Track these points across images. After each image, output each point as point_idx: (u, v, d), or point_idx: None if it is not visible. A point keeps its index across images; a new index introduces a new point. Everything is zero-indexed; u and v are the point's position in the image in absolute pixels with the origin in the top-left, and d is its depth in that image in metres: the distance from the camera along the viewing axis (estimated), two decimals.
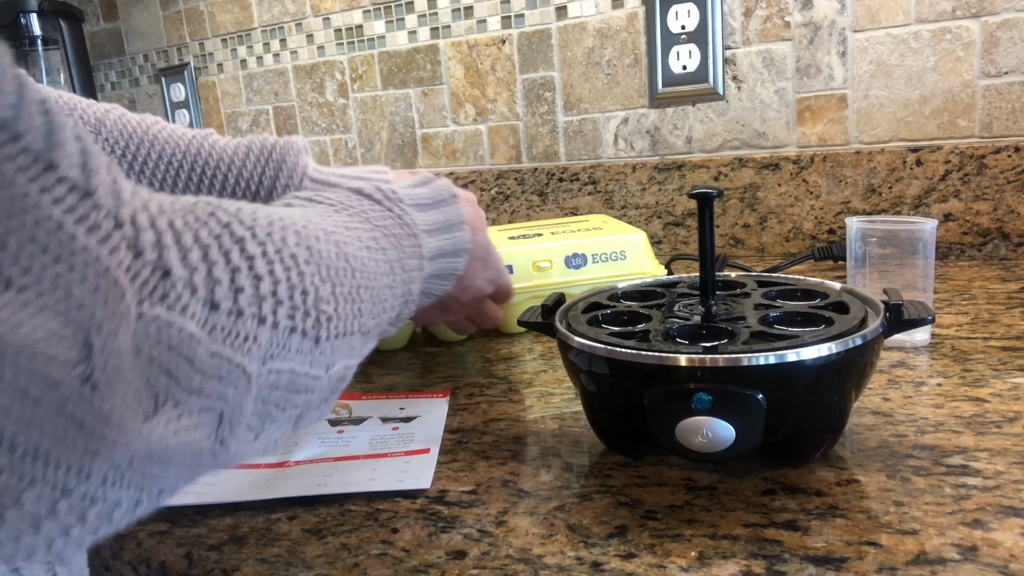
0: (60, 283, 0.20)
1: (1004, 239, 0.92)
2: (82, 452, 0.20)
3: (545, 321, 0.49)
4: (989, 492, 0.39)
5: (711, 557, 0.36)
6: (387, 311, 0.38)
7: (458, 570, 0.37)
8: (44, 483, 0.20)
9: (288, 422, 0.30)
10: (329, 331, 0.30)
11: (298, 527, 0.43)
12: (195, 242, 0.24)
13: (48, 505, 0.20)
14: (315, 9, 1.42)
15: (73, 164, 0.21)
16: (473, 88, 1.29)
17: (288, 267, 0.28)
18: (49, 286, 0.19)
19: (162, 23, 1.65)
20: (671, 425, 0.40)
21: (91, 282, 0.20)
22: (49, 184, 0.20)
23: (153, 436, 0.22)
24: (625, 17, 1.12)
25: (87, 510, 0.22)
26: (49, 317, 0.19)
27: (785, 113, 1.04)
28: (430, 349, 0.75)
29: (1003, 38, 0.89)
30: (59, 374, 0.19)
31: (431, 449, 0.50)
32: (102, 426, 0.21)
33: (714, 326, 0.45)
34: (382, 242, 0.39)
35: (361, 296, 0.34)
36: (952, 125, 0.94)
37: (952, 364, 0.58)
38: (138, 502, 0.24)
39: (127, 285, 0.21)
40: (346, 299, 0.32)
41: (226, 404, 0.25)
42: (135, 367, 0.21)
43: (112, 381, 0.21)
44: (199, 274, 0.24)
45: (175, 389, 0.23)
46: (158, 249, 0.23)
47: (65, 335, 0.20)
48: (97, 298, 0.20)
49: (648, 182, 1.15)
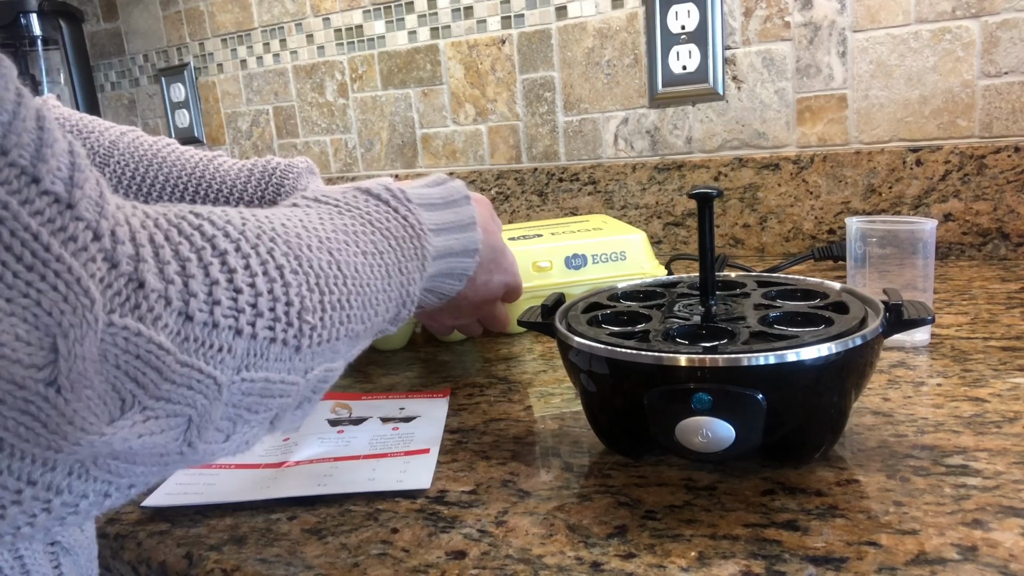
0: (31, 290, 0.21)
1: (1004, 239, 0.92)
2: (45, 447, 0.22)
3: (545, 321, 0.49)
4: (989, 492, 0.39)
5: (711, 557, 0.36)
6: (380, 314, 0.39)
7: (458, 570, 0.37)
8: (9, 473, 0.22)
9: (262, 424, 0.30)
10: (312, 340, 0.31)
11: (298, 527, 0.43)
12: (174, 256, 0.25)
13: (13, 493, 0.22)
14: (315, 9, 1.42)
15: (58, 178, 0.22)
16: (473, 88, 1.29)
17: (272, 279, 0.29)
18: (20, 292, 0.21)
19: (162, 23, 1.65)
20: (671, 425, 0.40)
21: (61, 291, 0.21)
22: (30, 197, 0.21)
23: (117, 438, 0.23)
24: (625, 17, 1.12)
25: (52, 499, 0.23)
26: (17, 322, 0.21)
27: (785, 113, 1.04)
28: (430, 349, 0.75)
29: (1003, 38, 0.89)
30: (23, 376, 0.21)
31: (431, 449, 0.50)
32: (65, 426, 0.22)
33: (714, 326, 0.45)
34: (380, 245, 0.39)
35: (351, 303, 0.34)
36: (952, 125, 0.94)
37: (952, 364, 0.58)
38: (106, 494, 0.25)
39: (98, 295, 0.22)
40: (333, 307, 0.33)
41: (195, 410, 0.26)
42: (101, 373, 0.23)
43: (76, 385, 0.22)
44: (175, 287, 0.25)
45: (142, 395, 0.24)
46: (134, 262, 0.24)
47: (31, 340, 0.21)
48: (66, 306, 0.21)
49: (648, 182, 1.15)
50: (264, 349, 0.28)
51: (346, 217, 0.39)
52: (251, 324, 0.27)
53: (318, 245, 0.33)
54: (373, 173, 1.44)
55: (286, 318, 0.29)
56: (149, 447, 0.25)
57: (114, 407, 0.23)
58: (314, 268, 0.32)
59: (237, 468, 0.49)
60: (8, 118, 0.21)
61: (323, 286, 0.32)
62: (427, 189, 0.48)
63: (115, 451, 0.24)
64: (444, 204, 0.49)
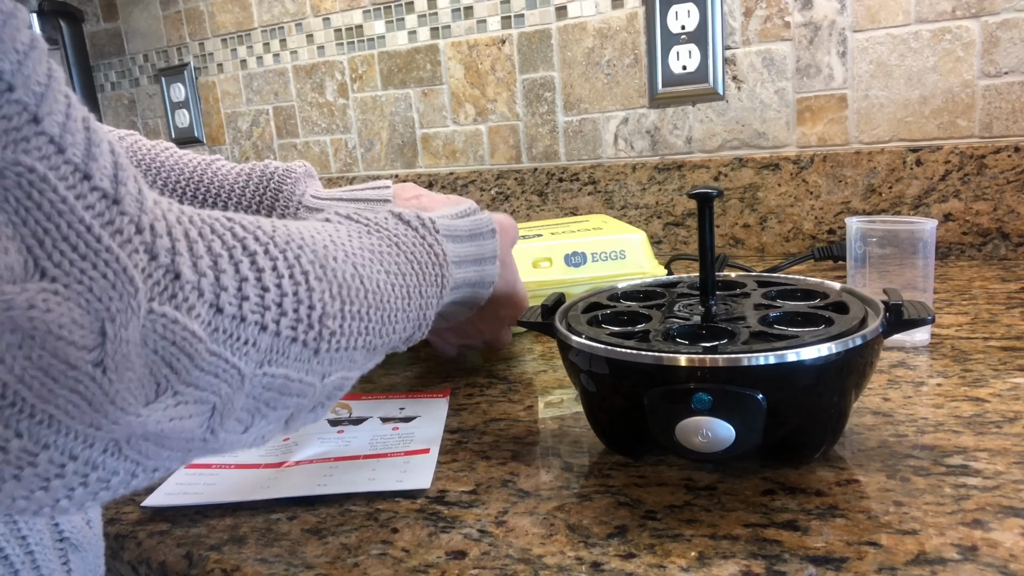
0: (84, 277, 0.23)
1: (1004, 239, 0.92)
2: (88, 424, 0.23)
3: (545, 321, 0.49)
4: (989, 492, 0.39)
5: (711, 557, 0.36)
6: (398, 332, 0.40)
7: (458, 570, 0.37)
8: (55, 448, 0.23)
9: (278, 420, 0.32)
10: (331, 344, 0.32)
11: (298, 527, 0.43)
12: (207, 252, 0.27)
13: (58, 467, 0.23)
14: (315, 9, 1.42)
15: (105, 175, 0.24)
16: (473, 88, 1.29)
17: (297, 282, 0.30)
18: (76, 279, 0.22)
19: (162, 23, 1.65)
20: (671, 425, 0.40)
21: (110, 278, 0.23)
22: (84, 192, 0.23)
23: (151, 419, 0.25)
24: (625, 17, 1.12)
25: (89, 474, 0.24)
26: (73, 306, 0.22)
27: (785, 113, 1.04)
28: (430, 349, 0.75)
29: (1003, 38, 0.89)
30: (76, 357, 0.22)
31: (431, 449, 0.50)
32: (107, 405, 0.23)
33: (714, 326, 0.45)
34: (404, 268, 0.41)
35: (371, 316, 0.36)
36: (952, 125, 0.94)
37: (952, 364, 0.58)
38: (134, 474, 0.26)
39: (141, 283, 0.24)
40: (354, 317, 0.34)
41: (219, 398, 0.27)
42: (141, 356, 0.24)
43: (120, 367, 0.23)
44: (207, 280, 0.26)
45: (175, 380, 0.25)
46: (171, 255, 0.26)
47: (84, 323, 0.22)
48: (114, 292, 0.23)
49: (648, 182, 1.15)
50: (286, 347, 0.30)
51: (375, 237, 0.40)
52: (275, 322, 0.29)
53: (344, 258, 0.35)
54: (373, 173, 1.44)
55: (308, 320, 0.31)
56: (178, 431, 0.26)
57: (150, 390, 0.25)
58: (338, 277, 0.33)
59: (237, 468, 0.49)
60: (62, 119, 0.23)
61: (345, 295, 0.33)
62: (456, 221, 0.50)
63: (148, 432, 0.25)
64: (469, 237, 0.51)
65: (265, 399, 0.30)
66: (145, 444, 0.26)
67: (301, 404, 0.32)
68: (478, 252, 0.51)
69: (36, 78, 0.22)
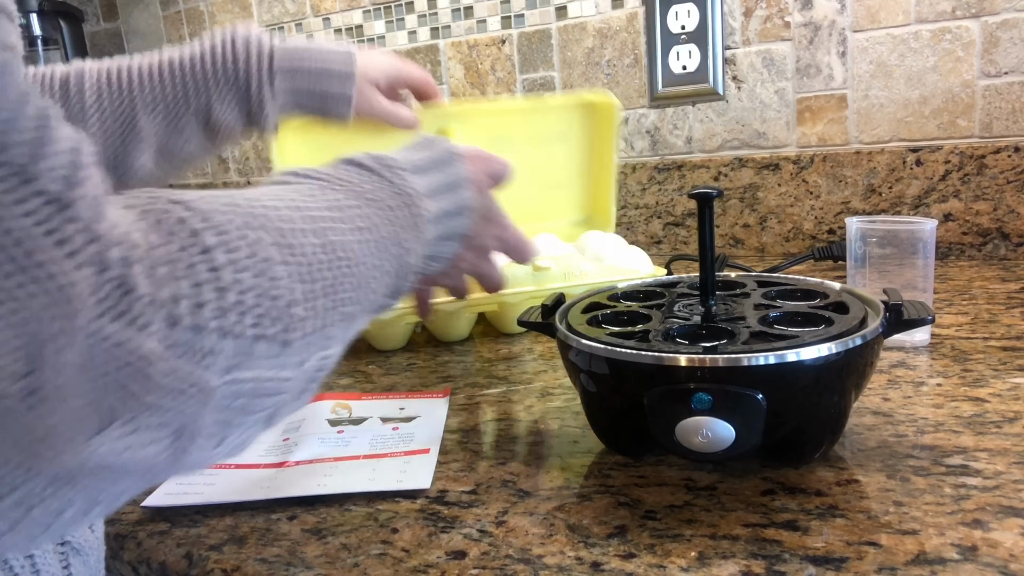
0: (17, 295, 0.20)
1: (1004, 239, 0.92)
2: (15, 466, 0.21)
3: (545, 321, 0.49)
4: (989, 492, 0.39)
5: (711, 557, 0.36)
6: (378, 291, 0.38)
7: (458, 570, 0.37)
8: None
9: (257, 424, 0.29)
10: (303, 330, 0.30)
11: (298, 527, 0.43)
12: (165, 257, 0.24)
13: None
14: (315, 9, 1.42)
15: (56, 177, 0.21)
16: (473, 88, 1.29)
17: (259, 272, 0.28)
18: (5, 296, 0.20)
19: (162, 23, 1.65)
20: (671, 425, 0.40)
21: (47, 296, 0.20)
22: (24, 196, 0.20)
23: (98, 453, 0.22)
24: (625, 17, 1.12)
25: (33, 507, 0.22)
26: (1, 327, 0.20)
27: (785, 113, 1.04)
28: (430, 349, 0.75)
29: (1003, 38, 0.89)
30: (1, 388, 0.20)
31: (431, 449, 0.50)
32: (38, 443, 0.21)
33: (714, 326, 0.45)
34: (374, 219, 0.38)
35: (343, 285, 0.33)
36: (952, 125, 0.94)
37: (952, 364, 0.58)
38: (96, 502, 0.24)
39: (85, 301, 0.21)
40: (325, 293, 0.31)
41: (184, 418, 0.25)
42: (83, 384, 0.21)
43: (56, 396, 0.21)
44: (164, 291, 0.24)
45: (130, 405, 0.23)
46: (124, 265, 0.23)
47: (13, 347, 0.20)
48: (50, 313, 0.20)
49: (648, 182, 1.15)
50: (250, 347, 0.27)
51: (338, 192, 0.37)
52: (237, 323, 0.26)
53: (307, 228, 0.32)
54: None
55: (273, 313, 0.28)
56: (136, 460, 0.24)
57: (95, 421, 0.22)
58: (305, 255, 0.31)
59: (237, 468, 0.49)
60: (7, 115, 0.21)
61: (313, 274, 0.31)
62: (414, 154, 0.46)
63: (97, 465, 0.23)
64: (433, 166, 0.46)
65: (238, 407, 0.27)
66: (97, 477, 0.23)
67: (280, 401, 0.30)
68: (446, 180, 0.47)
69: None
